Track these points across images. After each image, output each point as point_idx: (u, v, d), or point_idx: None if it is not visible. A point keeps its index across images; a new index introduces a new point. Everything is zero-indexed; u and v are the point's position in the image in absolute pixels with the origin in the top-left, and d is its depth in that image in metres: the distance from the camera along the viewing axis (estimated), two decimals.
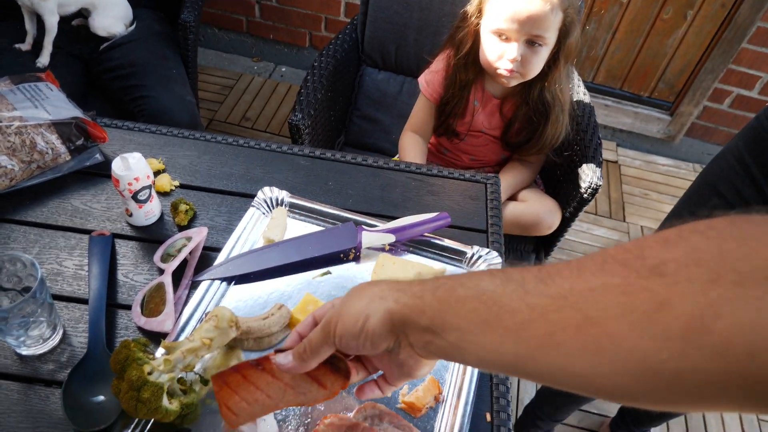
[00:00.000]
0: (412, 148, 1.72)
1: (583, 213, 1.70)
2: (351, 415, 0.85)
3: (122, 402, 0.77)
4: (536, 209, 1.67)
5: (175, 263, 0.98)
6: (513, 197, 1.71)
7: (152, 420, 0.82)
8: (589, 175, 1.61)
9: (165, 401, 0.78)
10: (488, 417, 0.90)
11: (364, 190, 1.25)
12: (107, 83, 1.87)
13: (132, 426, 0.81)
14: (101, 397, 0.83)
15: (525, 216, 1.65)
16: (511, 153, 1.73)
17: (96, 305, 0.92)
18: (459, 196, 1.27)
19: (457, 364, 0.94)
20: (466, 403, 0.88)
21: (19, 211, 1.10)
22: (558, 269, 0.42)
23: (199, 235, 1.03)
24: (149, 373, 0.78)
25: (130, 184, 1.02)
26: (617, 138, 3.30)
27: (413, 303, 0.50)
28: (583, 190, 1.61)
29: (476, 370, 0.92)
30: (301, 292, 1.00)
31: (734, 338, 0.33)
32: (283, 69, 3.39)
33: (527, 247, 1.79)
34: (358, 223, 1.12)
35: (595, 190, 1.60)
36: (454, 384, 0.92)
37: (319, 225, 1.14)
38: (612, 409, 2.08)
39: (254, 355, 0.92)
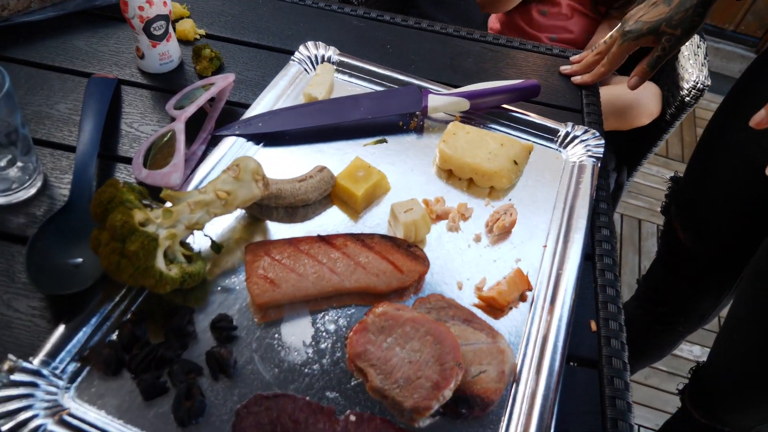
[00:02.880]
0: None
1: (653, 156, 1.41)
2: (411, 304, 0.63)
3: (101, 257, 0.56)
4: (636, 91, 1.37)
5: (191, 109, 0.76)
6: (603, 82, 1.42)
7: (145, 292, 0.62)
8: (693, 73, 1.32)
9: (160, 262, 0.57)
10: (593, 326, 0.67)
11: (429, 56, 1.00)
12: None
13: (117, 298, 0.60)
14: (79, 260, 0.63)
15: (621, 99, 1.33)
16: (606, 9, 1.42)
17: (85, 150, 0.71)
18: (546, 71, 1.01)
19: (552, 255, 0.70)
20: (564, 306, 0.65)
21: (9, 48, 0.90)
22: None
23: (224, 80, 0.81)
24: (142, 224, 0.57)
25: (141, 8, 0.79)
26: None
27: None
28: (685, 92, 1.32)
29: (576, 264, 0.69)
30: (347, 161, 0.78)
31: None
32: None
33: (608, 165, 1.52)
34: (422, 88, 0.88)
35: (701, 93, 1.31)
36: (547, 279, 0.68)
37: (373, 89, 0.91)
38: None
39: (283, 228, 0.71)
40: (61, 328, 0.57)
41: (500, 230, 0.72)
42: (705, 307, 1.24)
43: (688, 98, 1.32)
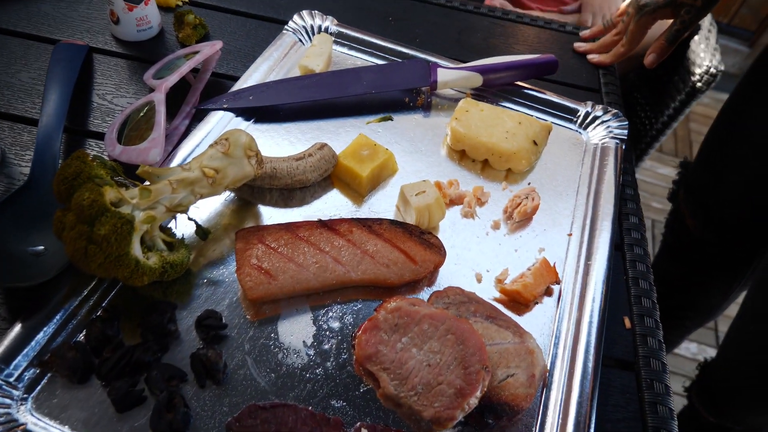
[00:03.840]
0: None
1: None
2: (426, 299, 0.55)
3: (66, 243, 0.47)
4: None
5: (172, 78, 0.67)
6: None
7: (118, 285, 0.53)
8: (705, 58, 1.26)
9: (136, 249, 0.48)
10: (627, 322, 0.60)
11: (435, 30, 0.92)
12: None
13: (85, 292, 0.52)
14: (41, 247, 0.54)
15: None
16: None
17: (50, 122, 0.62)
18: (559, 48, 0.94)
19: (578, 245, 0.63)
20: (594, 300, 0.58)
21: None
22: None
23: (210, 48, 0.72)
24: (114, 204, 0.48)
25: None
26: None
27: None
28: (697, 77, 1.26)
29: (605, 255, 0.62)
30: (349, 140, 0.70)
31: None
32: None
33: None
34: (430, 62, 0.80)
35: (713, 78, 1.25)
36: (575, 271, 0.61)
37: (375, 63, 0.83)
38: None
39: (278, 213, 0.62)
40: (17, 328, 0.48)
41: (521, 216, 0.65)
42: (715, 300, 1.18)
43: (699, 83, 1.26)
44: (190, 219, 0.56)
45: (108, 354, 0.47)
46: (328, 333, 0.53)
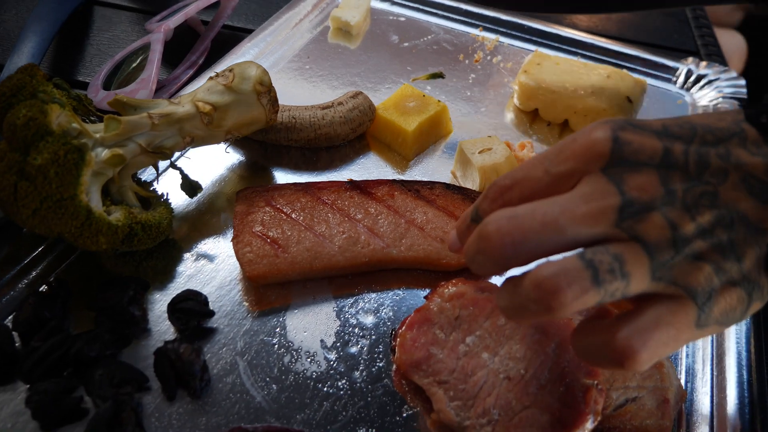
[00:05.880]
0: None
1: None
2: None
3: None
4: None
5: (175, 18, 0.55)
6: None
7: (76, 253, 0.39)
8: None
9: (94, 199, 0.34)
10: None
11: None
12: None
13: (25, 261, 0.38)
14: None
15: None
16: None
17: (20, 62, 0.50)
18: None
19: None
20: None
21: None
22: None
23: None
24: (67, 133, 0.34)
25: None
26: None
27: None
28: None
29: None
30: (391, 93, 0.55)
31: None
32: None
33: None
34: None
35: None
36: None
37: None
38: None
39: (298, 179, 0.48)
40: None
41: None
42: None
43: None
44: (174, 167, 0.41)
45: (37, 343, 0.32)
46: (357, 331, 0.37)
